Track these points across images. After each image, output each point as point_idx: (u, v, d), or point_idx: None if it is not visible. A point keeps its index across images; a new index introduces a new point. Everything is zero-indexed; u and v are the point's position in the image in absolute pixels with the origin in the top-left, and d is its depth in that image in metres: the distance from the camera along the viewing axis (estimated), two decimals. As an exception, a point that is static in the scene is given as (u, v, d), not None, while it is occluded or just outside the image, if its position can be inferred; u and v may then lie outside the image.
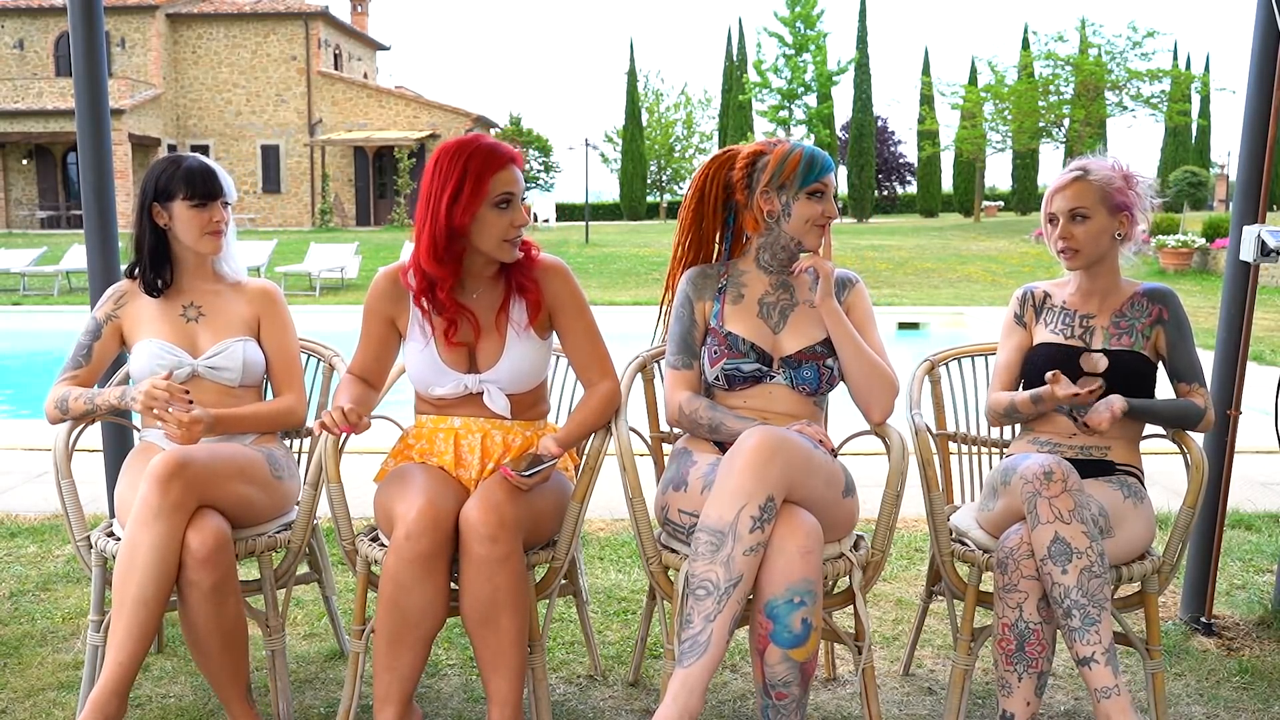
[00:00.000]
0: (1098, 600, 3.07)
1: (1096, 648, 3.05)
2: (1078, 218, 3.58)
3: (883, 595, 4.88)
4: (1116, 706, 3.03)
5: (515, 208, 3.38)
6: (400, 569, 3.14)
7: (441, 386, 3.51)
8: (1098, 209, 3.57)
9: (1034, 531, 3.16)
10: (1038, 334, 3.75)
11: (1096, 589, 3.08)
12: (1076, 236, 3.58)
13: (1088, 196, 3.57)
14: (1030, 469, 3.19)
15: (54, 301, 22.65)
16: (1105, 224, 3.59)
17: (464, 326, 3.49)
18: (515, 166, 3.39)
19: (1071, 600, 3.07)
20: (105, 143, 4.49)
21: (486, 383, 3.50)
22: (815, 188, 3.52)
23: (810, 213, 3.52)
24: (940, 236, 36.81)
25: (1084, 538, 3.10)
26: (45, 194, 50.07)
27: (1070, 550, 3.09)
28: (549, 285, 3.53)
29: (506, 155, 3.37)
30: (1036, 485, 3.16)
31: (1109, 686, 3.04)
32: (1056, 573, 3.10)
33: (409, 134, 49.87)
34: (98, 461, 4.56)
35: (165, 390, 3.41)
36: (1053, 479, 3.14)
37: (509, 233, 3.38)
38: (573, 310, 3.56)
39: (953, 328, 17.86)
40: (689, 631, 2.95)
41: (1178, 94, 44.76)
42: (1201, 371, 3.66)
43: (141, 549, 3.18)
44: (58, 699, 3.84)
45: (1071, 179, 3.59)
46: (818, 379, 3.51)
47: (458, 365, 3.51)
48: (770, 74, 53.63)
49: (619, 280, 25.86)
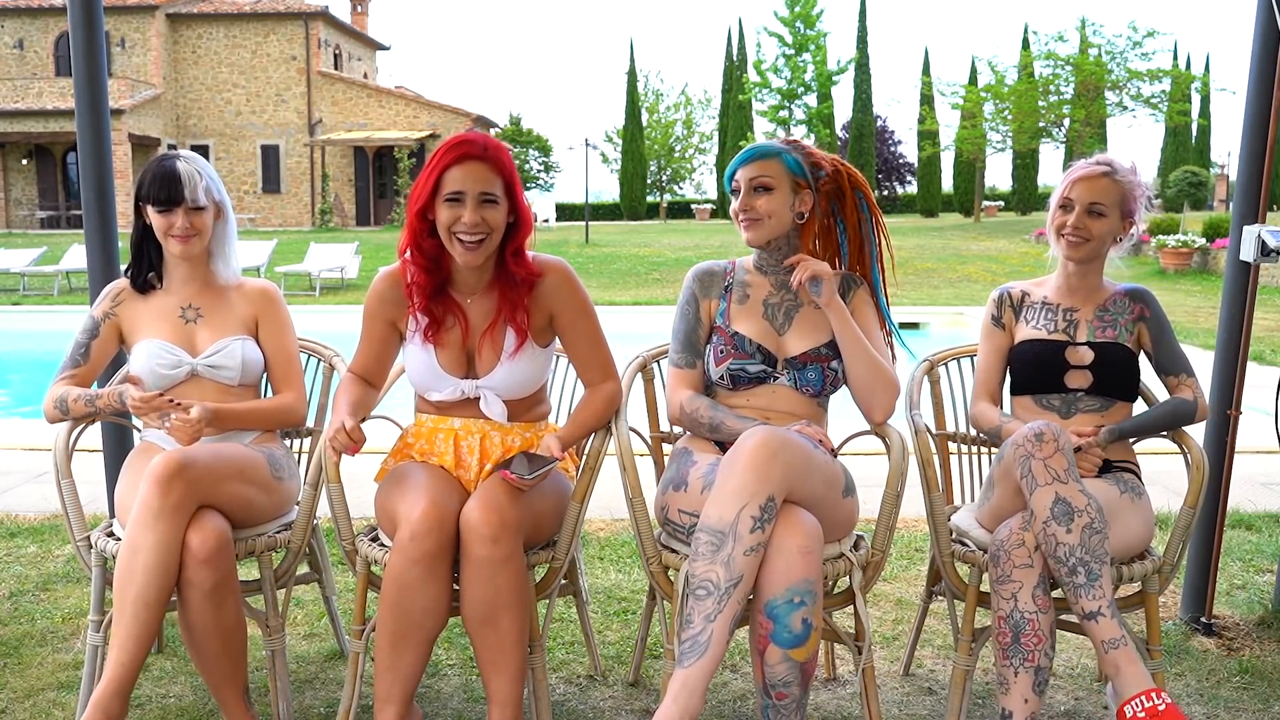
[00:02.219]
0: (1099, 555, 3.11)
1: (1101, 601, 3.08)
2: (1095, 212, 3.60)
3: (883, 595, 4.88)
4: (1124, 656, 3.07)
5: (465, 205, 3.30)
6: (405, 569, 3.14)
7: (439, 391, 3.51)
8: (1114, 209, 3.62)
9: (1033, 495, 3.18)
10: (1020, 332, 3.78)
11: (1097, 544, 3.11)
12: (1091, 229, 3.61)
13: (1109, 195, 3.61)
14: (1021, 433, 3.24)
15: (54, 301, 22.64)
16: (1115, 225, 3.64)
17: (452, 327, 3.49)
18: (478, 163, 3.31)
19: (1076, 558, 3.10)
20: (105, 143, 4.48)
21: (484, 388, 3.50)
22: (734, 187, 3.58)
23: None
24: (940, 236, 36.80)
25: (1081, 496, 3.14)
26: (45, 194, 50.08)
27: (1072, 509, 3.12)
28: (550, 286, 3.52)
29: (465, 152, 3.31)
30: (1029, 448, 3.20)
31: (1115, 638, 3.08)
32: (1061, 533, 3.12)
33: (409, 134, 49.86)
34: (98, 461, 4.56)
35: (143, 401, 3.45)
36: (1044, 439, 3.19)
37: (457, 227, 3.32)
38: (575, 311, 3.55)
39: (953, 328, 17.83)
40: (689, 631, 2.95)
41: (1178, 94, 44.70)
42: (1187, 361, 3.72)
43: (143, 550, 3.17)
44: (57, 699, 3.84)
45: (1099, 173, 3.62)
46: (821, 381, 3.52)
47: (455, 370, 3.51)
48: (770, 74, 53.55)
49: (619, 280, 25.86)
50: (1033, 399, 3.70)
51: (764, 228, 3.53)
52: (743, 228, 3.56)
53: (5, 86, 48.41)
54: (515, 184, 3.40)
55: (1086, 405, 3.63)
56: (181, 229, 3.66)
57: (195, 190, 3.67)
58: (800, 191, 3.53)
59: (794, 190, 3.53)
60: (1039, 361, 3.66)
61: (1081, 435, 3.53)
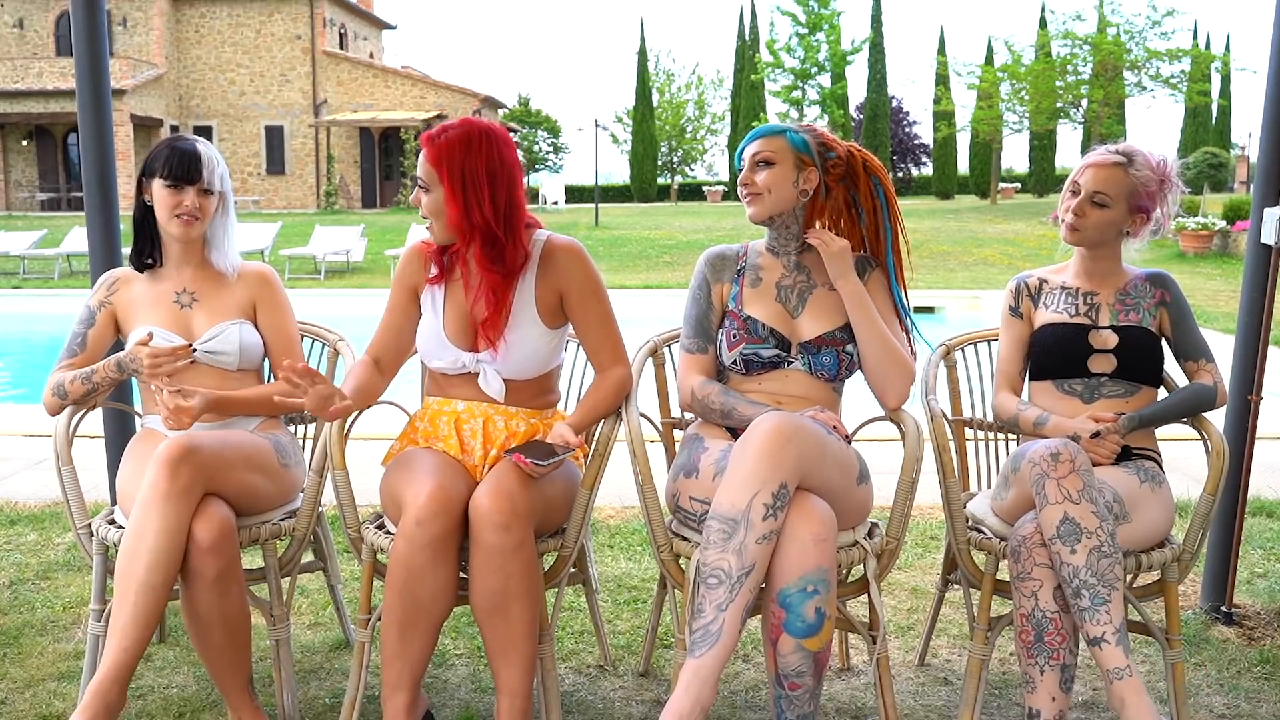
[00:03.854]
0: (1108, 580, 3.07)
1: (1107, 628, 3.05)
2: (1097, 202, 3.58)
3: (897, 584, 4.88)
4: (1130, 687, 3.03)
5: (421, 192, 3.45)
6: (411, 554, 3.14)
7: (440, 359, 3.53)
8: (1120, 203, 3.58)
9: (1042, 512, 3.15)
10: (1040, 317, 3.76)
11: (1106, 569, 3.07)
12: (1087, 217, 3.60)
13: (1117, 187, 3.57)
14: (1038, 452, 3.20)
15: (54, 285, 22.65)
16: (1118, 218, 3.60)
17: (457, 280, 3.56)
18: (424, 151, 3.40)
19: (1080, 580, 3.07)
20: (106, 124, 4.48)
21: (483, 363, 3.51)
22: (741, 166, 3.61)
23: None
24: (956, 219, 36.71)
25: (1093, 518, 3.10)
26: (45, 176, 50.18)
27: (1079, 530, 3.09)
28: (560, 263, 3.52)
29: (423, 140, 3.42)
30: (1044, 467, 3.16)
31: (1120, 667, 3.03)
32: (1065, 553, 3.09)
33: (415, 114, 49.80)
34: (99, 448, 4.56)
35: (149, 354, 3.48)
36: (1060, 460, 3.15)
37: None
38: (585, 291, 3.54)
39: (969, 311, 17.81)
40: (700, 621, 2.95)
41: (1198, 74, 44.58)
42: (1207, 346, 3.70)
43: (149, 533, 3.17)
44: (58, 689, 3.84)
45: (1112, 163, 3.59)
46: (836, 365, 3.51)
47: (460, 341, 3.52)
48: (783, 53, 53.34)
49: (629, 263, 25.81)
50: (1054, 384, 3.68)
51: (764, 202, 3.53)
52: (745, 203, 3.58)
53: (5, 66, 48.47)
54: (460, 176, 3.37)
55: (1110, 390, 3.61)
56: (190, 208, 3.67)
57: (212, 173, 3.71)
58: (805, 169, 3.53)
59: (798, 167, 3.52)
60: (1061, 345, 3.64)
61: (1100, 421, 3.52)
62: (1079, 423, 3.51)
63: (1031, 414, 3.63)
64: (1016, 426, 3.71)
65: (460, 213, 3.37)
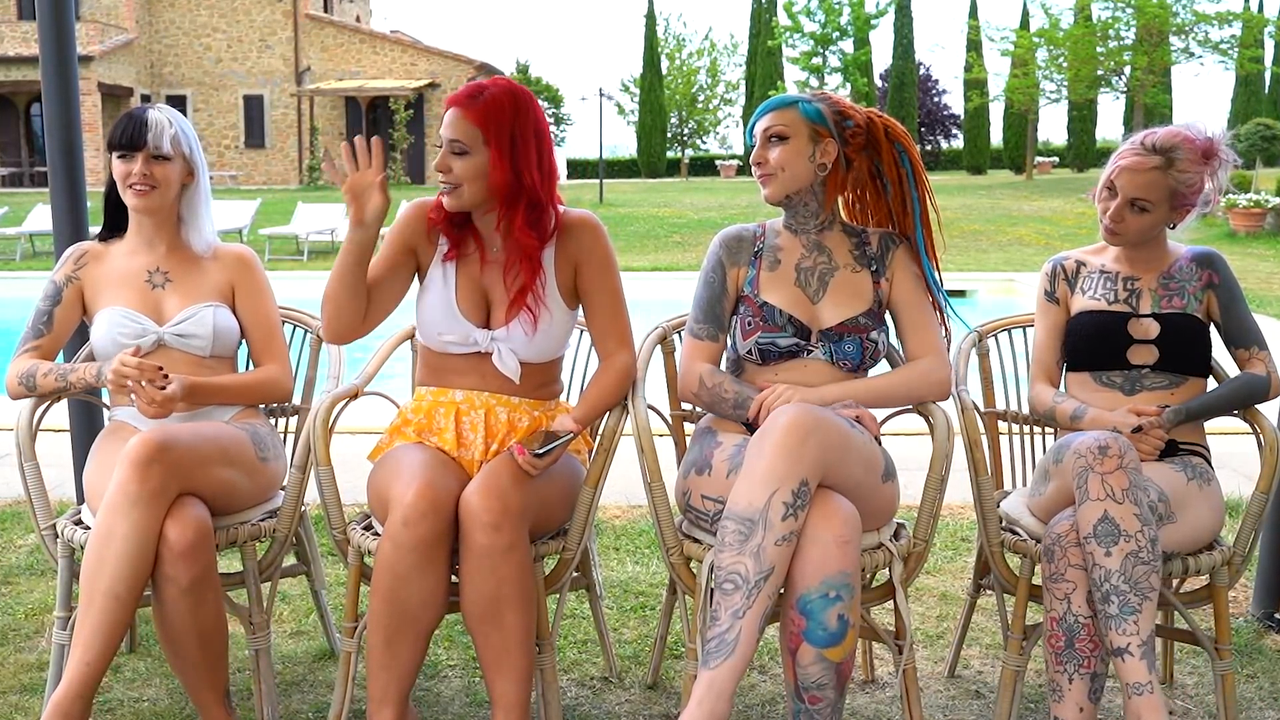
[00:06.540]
0: (1141, 589, 3.06)
1: (1133, 639, 3.04)
2: (1138, 208, 3.55)
3: (926, 589, 4.88)
4: (1148, 705, 3.02)
5: (442, 153, 3.40)
6: (397, 558, 3.13)
7: (450, 333, 3.50)
8: (1161, 205, 3.56)
9: (1080, 509, 3.15)
10: (1076, 303, 3.74)
11: (1141, 576, 3.07)
12: (1128, 223, 3.57)
13: (1156, 191, 3.54)
14: (1085, 443, 3.19)
15: (16, 267, 22.63)
16: (1162, 217, 3.59)
17: (471, 253, 3.54)
18: (456, 110, 3.35)
19: (1111, 585, 3.06)
20: (73, 93, 4.48)
21: (498, 341, 3.49)
22: (754, 142, 3.60)
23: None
24: (989, 195, 36.72)
25: (1134, 520, 3.09)
26: (7, 149, 50.17)
27: (1118, 531, 3.08)
28: (574, 235, 3.52)
29: (452, 100, 3.38)
30: (1090, 459, 3.15)
31: (1142, 682, 3.02)
32: (1099, 554, 3.09)
33: (405, 83, 49.79)
34: (64, 442, 4.57)
35: (135, 368, 3.41)
36: (1108, 454, 3.14)
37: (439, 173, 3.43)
38: (598, 267, 3.54)
39: (1003, 295, 17.81)
40: (715, 629, 2.94)
41: (1249, 39, 44.45)
42: (1259, 332, 3.68)
43: (116, 539, 3.16)
44: (20, 703, 3.84)
45: (1150, 165, 3.53)
46: (860, 353, 3.50)
47: (472, 315, 3.50)
48: (802, 17, 53.24)
49: (636, 243, 25.81)
50: (1091, 376, 3.67)
51: (778, 182, 3.52)
52: (759, 183, 3.57)
53: (-36, 32, 48.50)
54: (510, 137, 3.36)
55: (1153, 382, 3.60)
56: (139, 176, 3.64)
57: (160, 136, 3.64)
58: (821, 141, 3.51)
59: (813, 139, 3.50)
60: (1098, 335, 3.63)
61: (1142, 414, 3.50)
62: (1119, 416, 3.50)
63: (1068, 407, 3.62)
64: (1053, 420, 3.70)
65: (510, 174, 3.35)
